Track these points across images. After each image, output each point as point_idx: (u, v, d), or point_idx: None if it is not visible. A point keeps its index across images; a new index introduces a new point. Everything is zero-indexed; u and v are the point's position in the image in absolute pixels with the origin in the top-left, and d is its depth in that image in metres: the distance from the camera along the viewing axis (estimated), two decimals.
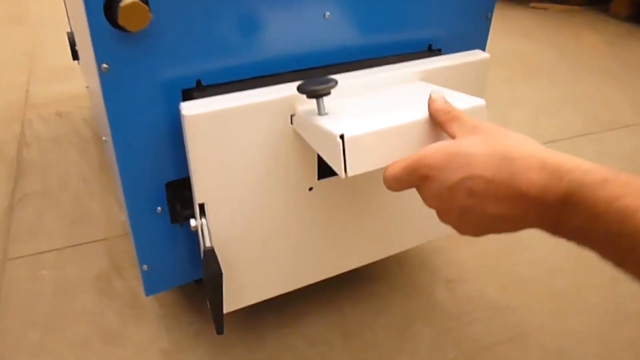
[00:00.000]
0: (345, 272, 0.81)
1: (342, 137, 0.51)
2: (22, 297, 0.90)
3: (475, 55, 0.72)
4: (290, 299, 0.89)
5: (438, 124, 0.51)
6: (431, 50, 0.75)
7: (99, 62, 0.55)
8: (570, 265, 1.02)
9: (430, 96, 0.54)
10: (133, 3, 0.51)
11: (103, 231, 1.05)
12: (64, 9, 1.41)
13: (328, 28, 0.66)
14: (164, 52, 0.58)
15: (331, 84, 0.56)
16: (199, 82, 0.62)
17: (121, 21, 0.52)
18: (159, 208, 0.68)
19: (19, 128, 1.43)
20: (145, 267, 0.72)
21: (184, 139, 0.59)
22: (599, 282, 0.98)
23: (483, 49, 0.79)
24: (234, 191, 0.63)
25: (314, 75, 0.64)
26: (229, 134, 0.59)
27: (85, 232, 1.05)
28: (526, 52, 2.05)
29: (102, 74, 0.56)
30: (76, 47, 1.31)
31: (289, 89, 0.61)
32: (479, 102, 0.60)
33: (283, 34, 0.64)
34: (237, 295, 0.72)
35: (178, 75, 0.60)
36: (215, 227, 0.64)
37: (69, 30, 1.38)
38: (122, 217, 1.10)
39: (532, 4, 2.58)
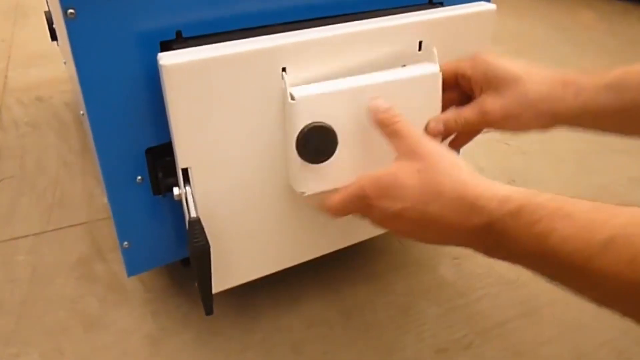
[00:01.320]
0: (343, 249, 0.75)
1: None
2: None
3: (480, 6, 0.66)
4: (284, 278, 0.83)
5: (382, 133, 0.54)
6: (432, 3, 0.69)
7: (64, 6, 0.49)
8: None
9: (370, 104, 0.55)
10: None
11: (84, 214, 0.99)
12: None
13: None
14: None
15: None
16: (179, 34, 0.56)
17: None
18: (139, 177, 0.62)
19: None
20: (126, 244, 0.66)
21: (164, 94, 0.53)
22: None
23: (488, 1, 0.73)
24: (220, 153, 0.57)
25: (306, 27, 0.58)
26: (214, 87, 0.53)
27: (65, 216, 0.99)
28: (520, 30, 2.00)
29: (68, 21, 0.49)
30: (54, 26, 1.24)
31: (280, 38, 0.55)
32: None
33: None
34: (226, 273, 0.66)
35: (155, 25, 0.54)
36: (200, 195, 0.58)
37: (46, 9, 1.31)
38: (104, 199, 1.03)
39: None
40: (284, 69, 0.55)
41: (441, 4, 0.70)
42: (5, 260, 0.89)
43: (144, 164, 0.61)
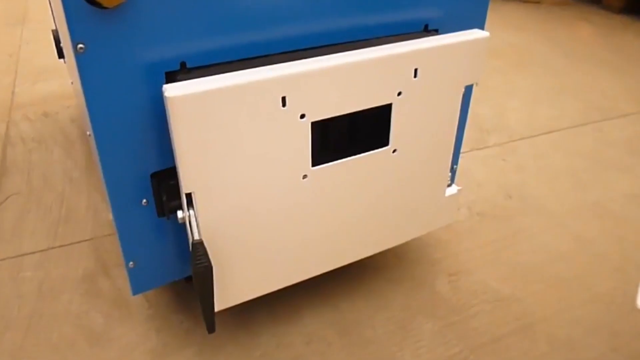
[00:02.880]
0: (342, 267, 0.77)
1: None
2: (3, 299, 0.86)
3: (474, 34, 0.69)
4: (284, 296, 0.85)
5: None
6: (428, 31, 0.72)
7: (74, 41, 0.51)
8: (573, 253, 0.99)
9: None
10: None
11: (89, 231, 1.01)
12: (49, 7, 1.37)
13: (320, 7, 0.63)
14: (145, 31, 0.54)
15: None
16: (183, 64, 0.58)
17: None
18: (145, 200, 0.64)
19: (4, 129, 1.38)
20: (131, 263, 0.68)
21: (168, 123, 0.55)
22: (604, 270, 0.95)
23: (481, 28, 0.76)
24: (222, 179, 0.59)
25: (305, 56, 0.61)
26: (216, 116, 0.55)
27: (70, 232, 1.01)
28: (519, 44, 2.03)
29: (78, 55, 0.52)
30: (61, 45, 1.27)
31: (280, 69, 0.57)
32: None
33: (273, 13, 0.60)
34: (228, 292, 0.68)
35: (161, 56, 0.56)
36: (204, 219, 0.60)
37: (54, 27, 1.34)
38: (109, 215, 1.06)
39: None
40: (284, 98, 0.58)
41: (436, 31, 0.73)
42: (13, 276, 0.91)
43: (149, 187, 0.64)
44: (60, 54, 1.32)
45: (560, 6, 2.50)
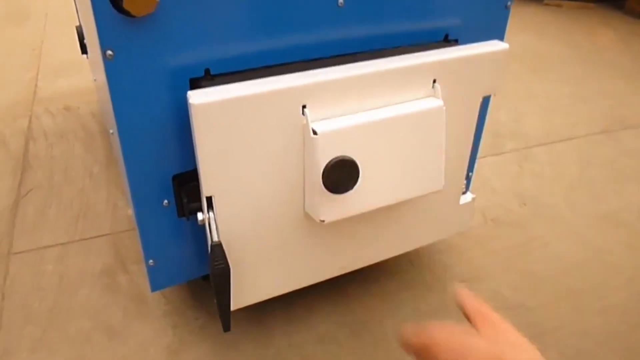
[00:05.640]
0: (356, 269, 0.78)
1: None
2: (24, 292, 0.89)
3: (493, 46, 0.69)
4: (298, 295, 0.86)
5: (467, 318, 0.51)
6: (447, 41, 0.73)
7: (103, 48, 0.53)
8: (588, 263, 0.99)
9: (456, 292, 0.52)
10: None
11: (109, 226, 1.04)
12: (73, 2, 1.39)
13: (341, 16, 0.64)
14: (171, 39, 0.56)
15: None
16: (207, 71, 0.60)
17: (126, 5, 0.50)
18: (166, 201, 0.66)
19: (27, 123, 1.41)
20: (151, 262, 0.70)
21: (192, 128, 0.56)
22: (618, 281, 0.95)
23: (501, 39, 0.76)
24: (242, 184, 0.60)
25: (328, 64, 0.62)
26: (238, 123, 0.56)
27: (90, 226, 1.03)
28: (539, 49, 2.01)
29: (107, 61, 0.53)
30: (85, 41, 1.29)
31: (301, 78, 0.58)
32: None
33: (295, 21, 0.61)
34: (244, 292, 0.70)
35: (186, 63, 0.58)
36: (223, 221, 0.62)
37: (77, 24, 1.37)
38: (128, 211, 1.08)
39: (545, 1, 2.54)
40: (304, 106, 0.59)
41: (456, 41, 0.73)
42: (35, 269, 0.93)
43: (171, 189, 0.65)
44: (84, 50, 1.35)
45: (582, 10, 2.47)
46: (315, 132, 0.58)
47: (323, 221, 0.63)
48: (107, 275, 0.92)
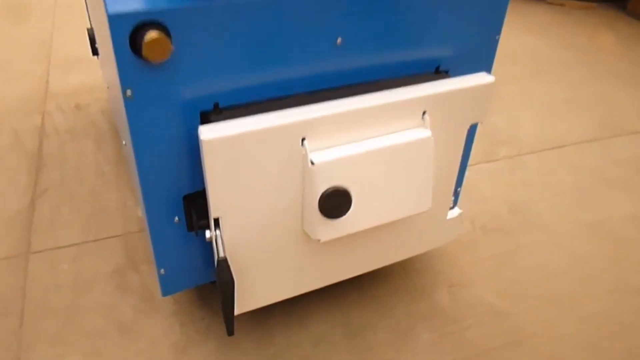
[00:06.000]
0: None
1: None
2: (43, 289, 0.96)
3: (480, 79, 0.74)
4: (297, 299, 0.93)
5: None
6: (439, 72, 0.78)
7: (123, 87, 0.59)
8: (571, 273, 1.05)
9: None
10: (157, 39, 0.54)
11: (120, 227, 1.10)
12: (84, 2, 1.44)
13: (339, 53, 0.69)
14: (184, 79, 0.61)
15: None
16: (216, 105, 0.65)
17: (145, 54, 0.55)
18: (177, 218, 0.72)
19: (40, 120, 1.47)
20: (162, 271, 0.76)
21: (202, 159, 0.62)
22: (597, 291, 1.01)
23: (489, 69, 0.82)
24: (246, 207, 0.67)
25: (325, 96, 0.67)
26: (244, 155, 0.62)
27: (102, 227, 1.10)
28: (539, 50, 2.05)
29: (127, 100, 0.59)
30: (96, 45, 1.34)
31: (300, 113, 0.64)
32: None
33: (296, 59, 0.67)
34: (247, 298, 0.77)
35: (197, 98, 0.64)
36: (228, 239, 0.68)
37: (88, 26, 1.42)
38: (137, 212, 1.14)
39: (548, 0, 2.56)
40: (303, 139, 0.65)
41: (447, 72, 0.79)
42: (52, 267, 1.00)
43: (181, 207, 0.72)
44: (95, 52, 1.40)
45: (584, 10, 2.49)
46: (313, 163, 0.64)
47: (319, 240, 0.69)
48: (118, 274, 0.99)
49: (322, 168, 0.65)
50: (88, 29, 1.40)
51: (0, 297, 0.94)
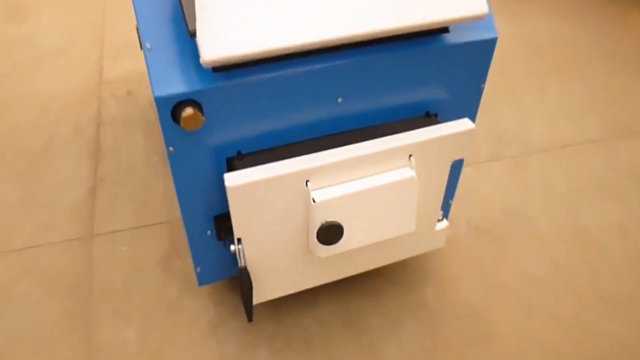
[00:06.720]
0: None
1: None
2: (106, 268, 1.19)
3: (462, 126, 0.88)
4: (306, 290, 1.13)
5: None
6: (428, 116, 0.92)
7: (167, 145, 0.77)
8: (548, 278, 1.20)
9: None
10: (192, 115, 0.72)
11: (165, 214, 1.31)
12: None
13: (340, 108, 0.84)
14: (214, 137, 0.79)
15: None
16: (239, 152, 0.83)
17: (182, 125, 0.73)
18: (209, 232, 0.92)
19: (96, 107, 1.67)
20: (199, 269, 0.97)
21: (227, 198, 0.81)
22: (568, 296, 1.16)
23: (474, 113, 0.95)
24: (262, 231, 0.85)
25: (328, 141, 0.84)
26: (261, 195, 0.80)
27: (151, 214, 1.32)
28: (563, 38, 2.02)
29: (170, 153, 0.78)
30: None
31: (305, 162, 0.81)
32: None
33: (304, 115, 0.83)
34: (263, 292, 0.97)
35: (223, 149, 0.81)
36: (248, 253, 0.88)
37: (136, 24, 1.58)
38: None
39: None
40: (307, 181, 0.82)
41: (436, 115, 0.92)
42: (112, 249, 1.23)
43: (212, 224, 0.91)
44: (142, 46, 1.57)
45: None
46: (314, 201, 0.82)
47: (319, 256, 0.88)
48: (166, 259, 1.21)
49: (322, 205, 0.82)
50: (137, 27, 1.56)
51: (72, 274, 1.18)
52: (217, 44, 0.69)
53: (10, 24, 2.01)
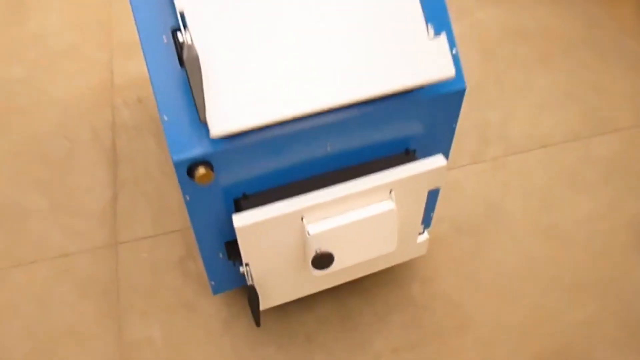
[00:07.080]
0: None
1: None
2: (130, 274, 1.36)
3: (436, 162, 1.02)
4: None
5: None
6: (408, 152, 1.05)
7: (183, 194, 0.91)
8: (520, 271, 1.36)
9: None
10: (204, 174, 0.86)
11: (180, 222, 1.47)
12: None
13: (329, 154, 0.98)
14: (222, 184, 0.93)
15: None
16: (244, 194, 0.98)
17: (196, 181, 0.87)
18: (221, 254, 1.08)
19: (110, 115, 1.79)
20: (212, 282, 1.14)
21: (236, 234, 0.96)
22: (538, 289, 1.33)
23: (449, 145, 1.08)
24: (266, 257, 1.01)
25: (320, 180, 0.98)
26: (265, 231, 0.96)
27: (167, 222, 1.47)
28: (552, 25, 2.03)
29: (186, 200, 0.92)
30: None
31: (300, 202, 0.96)
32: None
33: (299, 162, 0.97)
34: (268, 300, 1.14)
35: (231, 192, 0.96)
36: (254, 273, 1.04)
37: None
38: None
39: None
40: (302, 217, 0.97)
41: (414, 151, 1.06)
42: (135, 255, 1.40)
43: (224, 249, 1.07)
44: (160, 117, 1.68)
45: None
46: (309, 233, 0.97)
47: (315, 274, 1.04)
48: (182, 263, 1.38)
49: (316, 236, 0.97)
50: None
51: (102, 279, 1.35)
52: (222, 123, 0.82)
53: (13, 23, 2.02)
